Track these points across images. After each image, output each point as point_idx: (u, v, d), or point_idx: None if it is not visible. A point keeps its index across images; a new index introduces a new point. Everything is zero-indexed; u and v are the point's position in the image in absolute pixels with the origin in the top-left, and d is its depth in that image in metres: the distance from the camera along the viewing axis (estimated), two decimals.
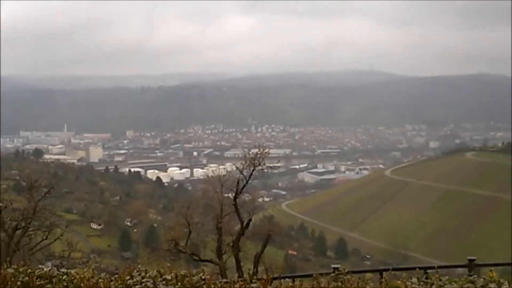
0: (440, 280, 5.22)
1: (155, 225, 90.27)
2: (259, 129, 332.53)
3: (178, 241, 25.41)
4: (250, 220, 25.44)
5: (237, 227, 25.81)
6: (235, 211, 25.23)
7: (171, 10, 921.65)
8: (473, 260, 20.89)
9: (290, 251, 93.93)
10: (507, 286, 5.24)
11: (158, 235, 71.18)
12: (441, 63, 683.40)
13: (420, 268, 21.10)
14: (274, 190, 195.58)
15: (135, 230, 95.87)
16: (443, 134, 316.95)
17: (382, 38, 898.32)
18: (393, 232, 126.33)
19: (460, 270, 19.57)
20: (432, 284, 5.08)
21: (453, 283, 5.17)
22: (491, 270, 5.27)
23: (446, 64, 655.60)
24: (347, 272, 5.82)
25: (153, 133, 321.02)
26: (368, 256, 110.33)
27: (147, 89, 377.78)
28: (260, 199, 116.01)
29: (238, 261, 24.23)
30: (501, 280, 5.40)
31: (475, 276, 5.35)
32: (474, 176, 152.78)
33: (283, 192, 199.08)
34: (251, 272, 22.09)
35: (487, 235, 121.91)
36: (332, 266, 20.45)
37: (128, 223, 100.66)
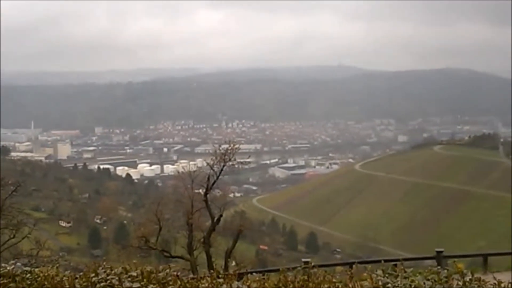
0: (405, 271, 5.25)
1: (125, 222, 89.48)
2: (230, 125, 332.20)
3: (148, 238, 25.28)
4: (221, 215, 25.44)
5: (208, 223, 25.79)
6: (206, 207, 25.20)
7: (141, 5, 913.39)
8: (441, 252, 21.31)
9: (261, 246, 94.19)
10: (471, 277, 5.28)
11: (128, 232, 70.72)
12: (409, 58, 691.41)
13: (389, 260, 21.29)
14: (245, 186, 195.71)
15: (105, 228, 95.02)
16: (411, 128, 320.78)
17: (350, 33, 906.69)
18: (363, 225, 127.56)
19: (429, 262, 19.88)
20: (397, 276, 5.09)
21: (417, 274, 5.20)
22: (454, 261, 5.25)
23: (415, 59, 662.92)
24: (314, 266, 5.80)
25: (122, 130, 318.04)
26: (338, 250, 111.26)
27: (116, 84, 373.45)
28: (231, 195, 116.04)
29: (209, 257, 24.21)
30: (465, 271, 5.44)
31: (439, 267, 5.36)
32: (442, 169, 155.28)
33: (254, 188, 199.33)
34: (222, 267, 22.08)
35: (455, 227, 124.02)
36: (303, 260, 20.67)
37: (98, 221, 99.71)
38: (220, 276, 5.53)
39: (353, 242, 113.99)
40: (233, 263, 26.54)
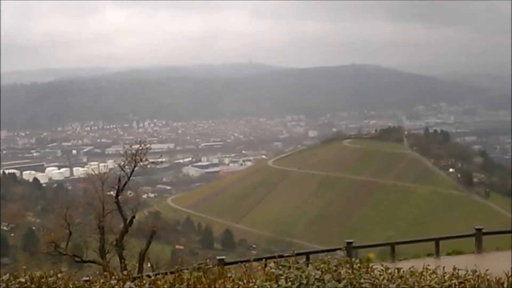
0: (297, 263, 5.45)
1: (33, 228, 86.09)
2: (141, 125, 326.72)
3: (58, 243, 24.55)
4: (134, 217, 25.08)
5: (121, 225, 25.36)
6: (118, 209, 24.77)
7: (46, 4, 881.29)
8: (351, 242, 22.03)
9: (177, 246, 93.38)
10: (359, 265, 5.55)
11: (38, 238, 68.14)
12: (318, 55, 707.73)
13: (299, 254, 21.59)
14: (159, 186, 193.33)
15: (12, 235, 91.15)
16: (321, 123, 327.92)
17: (261, 31, 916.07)
18: (278, 221, 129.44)
19: (342, 253, 20.51)
20: (290, 267, 5.28)
21: (309, 265, 5.42)
22: (346, 249, 5.51)
23: (323, 56, 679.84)
24: (227, 263, 5.91)
25: (28, 132, 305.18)
26: (254, 246, 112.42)
27: (20, 86, 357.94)
28: (145, 195, 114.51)
29: (122, 260, 23.82)
30: (353, 259, 5.71)
31: (331, 257, 5.62)
32: (351, 163, 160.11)
33: (168, 187, 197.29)
34: (136, 269, 21.78)
35: (365, 218, 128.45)
36: (218, 257, 20.75)
37: (5, 228, 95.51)
38: (113, 277, 5.52)
39: (268, 238, 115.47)
40: (148, 265, 26.27)
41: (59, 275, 5.61)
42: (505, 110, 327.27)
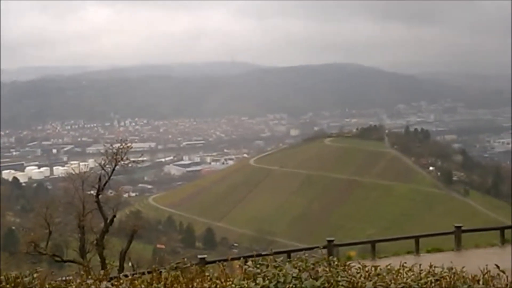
0: (275, 261, 5.50)
1: (13, 228, 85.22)
2: (122, 123, 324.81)
3: (38, 242, 24.37)
4: (114, 216, 24.97)
5: (102, 224, 25.24)
6: (98, 208, 24.65)
7: (26, 3, 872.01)
8: (332, 241, 22.16)
9: (158, 245, 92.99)
10: (337, 263, 5.62)
11: (17, 238, 67.51)
12: (300, 54, 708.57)
13: (280, 252, 21.66)
14: (140, 185, 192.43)
15: None
16: (303, 122, 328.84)
17: (243, 30, 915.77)
18: (259, 219, 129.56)
19: (323, 251, 20.63)
20: (267, 265, 5.33)
21: (287, 263, 5.47)
22: (327, 247, 5.58)
23: (305, 55, 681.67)
24: (208, 262, 5.96)
25: (7, 131, 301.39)
26: (235, 244, 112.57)
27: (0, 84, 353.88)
28: (126, 195, 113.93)
29: (102, 259, 23.71)
30: (331, 257, 5.79)
31: (308, 255, 5.68)
32: (332, 161, 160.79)
33: (150, 186, 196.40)
34: (117, 269, 21.73)
35: (346, 216, 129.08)
36: (199, 256, 20.74)
37: None
38: (89, 277, 5.52)
39: (250, 236, 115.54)
40: (129, 264, 26.18)
41: (35, 275, 5.59)
42: (485, 109, 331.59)
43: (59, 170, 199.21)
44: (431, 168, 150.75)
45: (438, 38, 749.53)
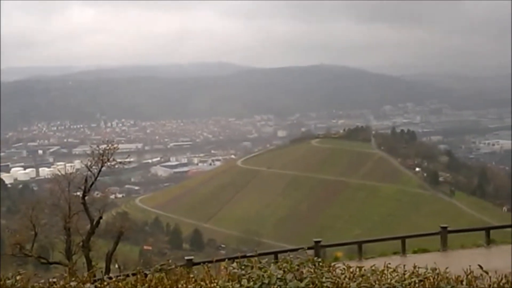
0: (260, 262, 5.53)
1: None
2: (109, 124, 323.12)
3: (23, 244, 24.22)
4: (101, 217, 24.89)
5: (88, 226, 25.14)
6: (84, 210, 24.55)
7: (10, 3, 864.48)
8: (319, 241, 22.21)
9: (145, 247, 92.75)
10: (322, 264, 5.66)
11: (3, 240, 66.93)
12: (286, 55, 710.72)
13: (267, 253, 21.66)
14: (127, 186, 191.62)
15: None
16: (290, 123, 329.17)
17: (230, 31, 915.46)
18: (247, 220, 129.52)
19: (310, 252, 20.68)
20: (252, 267, 5.35)
21: (272, 264, 5.50)
22: (314, 248, 5.65)
23: (292, 56, 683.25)
24: (194, 264, 5.99)
25: None
26: (223, 245, 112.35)
27: None
28: (112, 196, 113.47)
29: (89, 261, 23.60)
30: (315, 258, 5.83)
31: (293, 256, 5.71)
32: (319, 162, 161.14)
33: (136, 187, 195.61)
34: (101, 271, 21.58)
35: (333, 217, 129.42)
36: (186, 257, 20.71)
37: None
38: (73, 279, 5.52)
39: (237, 237, 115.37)
40: (116, 266, 26.09)
41: (17, 277, 5.56)
42: (470, 110, 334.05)
43: (45, 171, 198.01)
44: (417, 169, 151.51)
45: (425, 40, 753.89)
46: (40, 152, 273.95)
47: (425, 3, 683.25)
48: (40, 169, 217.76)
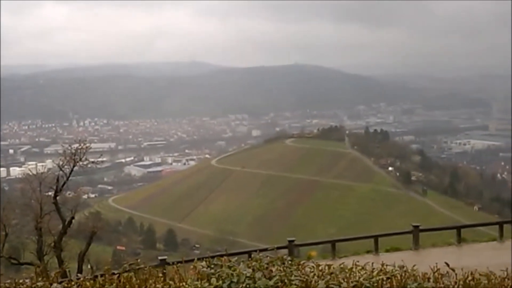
0: (230, 261, 5.58)
1: None
2: (81, 123, 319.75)
3: None
4: (73, 217, 24.68)
5: (60, 226, 24.90)
6: (56, 210, 24.32)
7: None
8: (292, 241, 22.32)
9: (118, 247, 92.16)
10: (291, 261, 5.73)
11: None
12: (261, 54, 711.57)
13: (242, 253, 21.70)
14: (100, 186, 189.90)
15: None
16: (264, 122, 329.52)
17: (203, 30, 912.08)
18: (221, 220, 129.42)
19: (284, 251, 20.78)
20: (222, 266, 5.41)
21: (241, 263, 5.56)
22: (288, 247, 5.72)
23: (266, 55, 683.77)
24: (168, 263, 6.01)
25: None
26: (197, 245, 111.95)
27: None
28: (85, 196, 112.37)
29: (60, 261, 23.39)
30: (285, 257, 5.91)
31: (263, 255, 5.79)
32: (294, 162, 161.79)
33: (109, 187, 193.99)
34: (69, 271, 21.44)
35: (307, 216, 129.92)
36: (159, 257, 20.65)
37: None
38: (40, 279, 5.51)
39: (211, 237, 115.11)
40: (88, 266, 25.87)
41: None
42: (442, 111, 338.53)
43: (16, 171, 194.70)
44: (390, 168, 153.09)
45: (398, 41, 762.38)
46: (11, 151, 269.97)
47: (400, 3, 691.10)
48: (11, 168, 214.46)
